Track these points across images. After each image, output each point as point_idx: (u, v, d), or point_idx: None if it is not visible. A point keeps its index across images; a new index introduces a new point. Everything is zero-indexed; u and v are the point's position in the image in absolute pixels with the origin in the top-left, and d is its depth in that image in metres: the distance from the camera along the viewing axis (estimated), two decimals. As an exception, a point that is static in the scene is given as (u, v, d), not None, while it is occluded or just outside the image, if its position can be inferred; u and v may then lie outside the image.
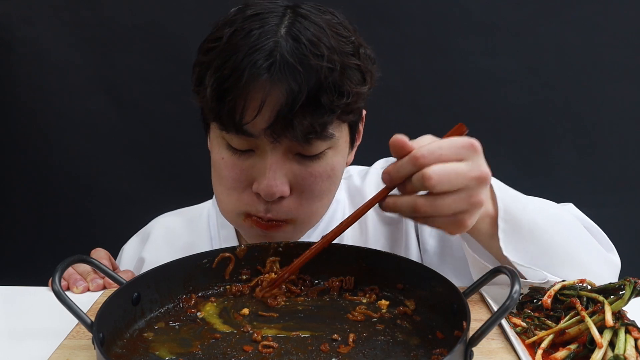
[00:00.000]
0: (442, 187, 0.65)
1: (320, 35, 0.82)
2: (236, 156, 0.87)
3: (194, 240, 1.11)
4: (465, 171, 0.66)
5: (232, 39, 0.82)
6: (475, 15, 1.78)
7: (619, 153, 1.88)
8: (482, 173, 0.67)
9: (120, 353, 0.68)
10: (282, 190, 0.85)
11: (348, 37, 0.85)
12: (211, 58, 0.83)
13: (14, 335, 0.78)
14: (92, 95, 1.86)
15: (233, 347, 0.69)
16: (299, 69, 0.79)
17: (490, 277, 0.69)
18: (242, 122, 0.82)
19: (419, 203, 0.67)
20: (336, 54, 0.81)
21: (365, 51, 0.88)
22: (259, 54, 0.80)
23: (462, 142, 0.67)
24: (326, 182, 0.89)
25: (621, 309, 0.68)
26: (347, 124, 0.90)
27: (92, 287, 0.91)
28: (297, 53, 0.80)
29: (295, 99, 0.79)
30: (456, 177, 0.66)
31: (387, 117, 1.83)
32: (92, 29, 1.83)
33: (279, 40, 0.80)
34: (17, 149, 1.93)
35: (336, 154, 0.89)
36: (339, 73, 0.81)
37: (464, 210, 0.68)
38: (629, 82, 1.82)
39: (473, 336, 0.60)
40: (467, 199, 0.67)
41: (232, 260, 0.82)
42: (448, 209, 0.67)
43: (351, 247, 0.82)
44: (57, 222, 1.97)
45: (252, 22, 0.83)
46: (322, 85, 0.80)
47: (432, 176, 0.64)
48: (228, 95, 0.81)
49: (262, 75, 0.79)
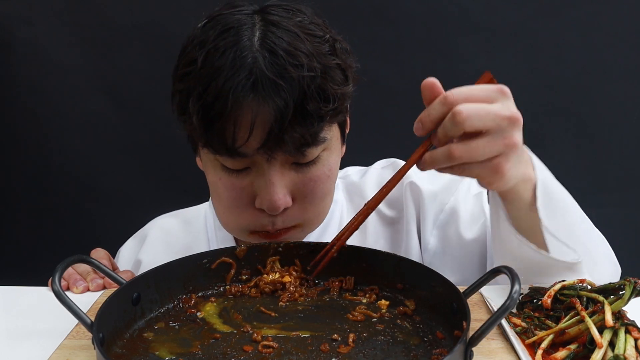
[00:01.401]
0: (472, 122, 0.65)
1: (295, 43, 0.80)
2: (233, 176, 0.86)
3: (191, 241, 1.11)
4: (497, 110, 0.66)
5: (207, 61, 0.80)
6: (475, 15, 1.78)
7: (619, 153, 1.88)
8: (513, 113, 0.67)
9: (120, 353, 0.68)
10: (286, 202, 0.85)
11: (322, 37, 0.84)
12: (190, 85, 0.81)
13: (14, 335, 0.78)
14: (92, 95, 1.86)
15: (233, 347, 0.69)
16: (281, 83, 0.78)
17: (490, 277, 0.69)
18: (234, 145, 0.81)
19: (453, 148, 0.67)
20: (315, 58, 0.80)
21: (340, 45, 0.86)
22: (240, 74, 0.78)
23: (491, 87, 0.68)
24: (326, 183, 0.89)
25: (621, 309, 0.68)
26: (337, 123, 0.90)
27: (92, 287, 0.91)
28: (276, 67, 0.78)
29: (284, 114, 0.78)
30: (487, 115, 0.65)
31: (387, 117, 1.83)
32: (92, 29, 1.83)
33: (256, 56, 0.79)
34: (17, 149, 1.93)
35: (331, 154, 0.89)
36: (321, 78, 0.80)
37: (499, 152, 0.67)
38: (629, 82, 1.82)
39: (473, 336, 0.60)
40: (501, 140, 0.66)
41: (233, 265, 0.82)
42: (483, 151, 0.66)
43: (351, 247, 0.82)
44: (57, 222, 1.97)
45: (224, 39, 0.81)
46: (306, 96, 0.79)
47: (462, 110, 0.64)
48: (216, 122, 0.80)
49: (248, 97, 0.78)
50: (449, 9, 1.79)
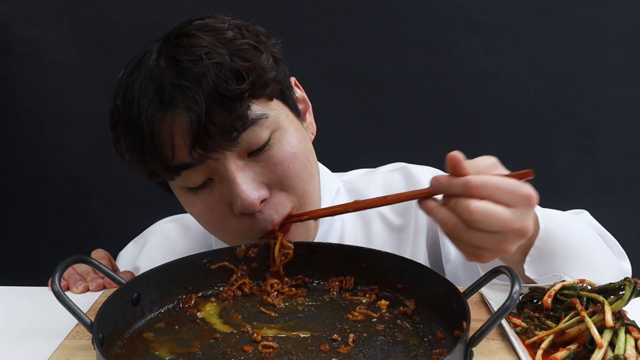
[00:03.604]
0: (479, 225, 0.65)
1: (192, 42, 0.80)
2: (202, 194, 0.84)
3: (191, 247, 1.10)
4: (509, 221, 0.65)
5: (124, 100, 0.81)
6: (475, 15, 1.78)
7: (619, 153, 1.88)
8: (523, 227, 0.66)
9: (120, 353, 0.68)
10: (259, 195, 0.81)
11: (223, 27, 0.83)
12: (118, 131, 0.83)
13: (14, 335, 0.78)
14: (92, 95, 1.86)
15: (233, 347, 0.69)
16: (184, 84, 0.77)
17: (490, 277, 0.69)
18: (173, 161, 0.80)
19: (452, 224, 0.67)
20: (218, 46, 0.79)
21: (248, 28, 0.85)
22: (147, 95, 0.79)
23: (519, 190, 0.66)
24: (295, 162, 0.85)
25: (621, 309, 0.68)
26: (277, 100, 0.86)
27: (92, 287, 0.91)
28: (177, 71, 0.78)
29: (197, 111, 0.77)
30: (497, 223, 0.65)
31: (387, 117, 1.83)
32: (92, 29, 1.83)
33: (159, 72, 0.79)
34: (17, 149, 1.93)
35: (285, 132, 0.85)
36: (230, 60, 0.79)
37: (490, 249, 0.68)
38: (629, 82, 1.82)
39: (473, 336, 0.60)
40: (498, 244, 0.67)
41: (234, 271, 0.82)
42: (476, 241, 0.67)
43: (351, 247, 0.82)
44: (57, 222, 1.97)
45: (132, 74, 0.82)
46: (216, 83, 0.77)
47: (475, 212, 0.64)
48: (145, 149, 0.80)
49: (158, 111, 0.78)
50: (449, 9, 1.79)
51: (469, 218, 0.65)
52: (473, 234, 0.66)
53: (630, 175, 1.88)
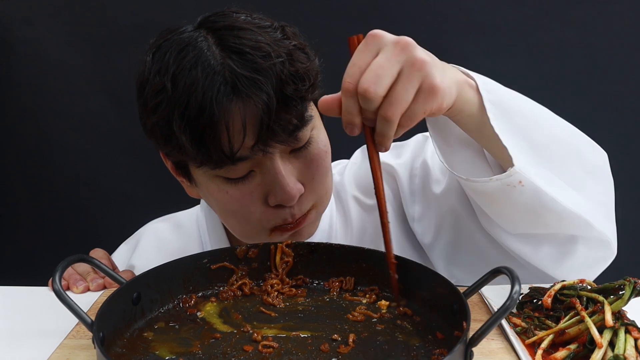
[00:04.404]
0: (379, 87, 0.66)
1: (254, 37, 0.81)
2: (240, 184, 0.85)
3: (184, 245, 1.10)
4: (384, 57, 0.67)
5: (177, 82, 0.80)
6: (475, 15, 1.78)
7: (619, 153, 1.87)
8: (396, 40, 0.68)
9: (120, 353, 0.68)
10: (299, 189, 0.86)
11: (271, 25, 0.85)
12: (167, 112, 0.80)
13: (14, 335, 0.78)
14: (92, 95, 1.86)
15: (233, 347, 0.69)
16: (258, 77, 0.78)
17: (491, 277, 0.69)
18: (232, 150, 0.80)
19: (383, 113, 0.68)
20: (276, 45, 0.81)
21: (290, 29, 0.87)
22: (216, 81, 0.78)
23: (363, 44, 0.69)
24: (325, 159, 0.90)
25: (621, 309, 0.68)
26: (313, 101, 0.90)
27: (92, 286, 0.91)
28: (248, 64, 0.79)
29: (270, 106, 0.78)
30: (383, 69, 0.66)
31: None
32: (92, 29, 1.83)
33: (223, 61, 0.79)
34: (17, 149, 1.93)
35: (319, 130, 0.90)
36: (289, 61, 0.81)
37: (418, 79, 0.67)
38: (629, 82, 1.82)
39: (473, 336, 0.60)
40: (409, 69, 0.67)
41: (235, 271, 0.82)
42: (406, 92, 0.67)
43: (351, 247, 0.82)
44: (57, 222, 1.97)
45: (184, 57, 0.80)
46: (282, 82, 0.80)
47: (367, 88, 0.66)
48: (207, 134, 0.79)
49: (232, 99, 0.79)
50: (449, 9, 1.79)
51: (369, 97, 0.66)
52: (396, 93, 0.67)
53: (629, 175, 1.88)
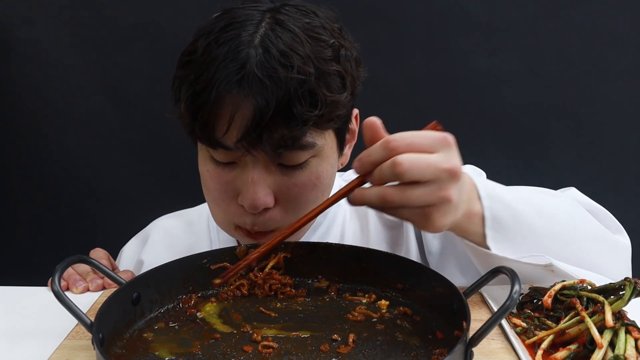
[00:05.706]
0: (411, 174, 0.64)
1: (293, 44, 0.79)
2: (220, 168, 0.86)
3: (193, 242, 1.11)
4: (437, 162, 0.65)
5: (206, 51, 0.80)
6: (475, 15, 1.78)
7: (619, 153, 1.88)
8: (453, 166, 0.66)
9: (120, 353, 0.68)
10: (266, 202, 0.83)
11: (327, 41, 0.82)
12: (187, 72, 0.82)
13: (14, 335, 0.78)
14: (92, 95, 1.86)
15: (233, 347, 0.69)
16: (266, 82, 0.77)
17: (490, 277, 0.69)
18: (214, 136, 0.81)
19: (388, 192, 0.65)
20: (311, 62, 0.79)
21: (346, 53, 0.84)
22: (231, 67, 0.78)
23: (436, 135, 0.67)
24: (312, 191, 0.87)
25: (621, 309, 0.68)
26: (332, 130, 0.87)
27: (92, 287, 0.91)
28: (265, 66, 0.78)
29: (262, 113, 0.77)
30: (427, 167, 0.64)
31: (386, 117, 1.83)
32: (92, 29, 1.83)
33: (250, 52, 0.78)
34: (17, 149, 1.93)
35: (321, 162, 0.87)
36: (315, 82, 0.79)
37: (432, 203, 0.66)
38: (629, 82, 1.82)
39: (473, 336, 0.60)
40: (437, 192, 0.65)
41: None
42: (417, 199, 0.65)
43: (351, 247, 0.82)
44: (57, 222, 1.97)
45: (226, 32, 0.81)
46: (291, 98, 0.78)
47: (403, 163, 0.63)
48: (200, 111, 0.80)
49: (232, 91, 0.78)
50: (449, 9, 1.79)
51: (398, 171, 0.63)
52: (411, 193, 0.65)
53: (629, 175, 1.88)
